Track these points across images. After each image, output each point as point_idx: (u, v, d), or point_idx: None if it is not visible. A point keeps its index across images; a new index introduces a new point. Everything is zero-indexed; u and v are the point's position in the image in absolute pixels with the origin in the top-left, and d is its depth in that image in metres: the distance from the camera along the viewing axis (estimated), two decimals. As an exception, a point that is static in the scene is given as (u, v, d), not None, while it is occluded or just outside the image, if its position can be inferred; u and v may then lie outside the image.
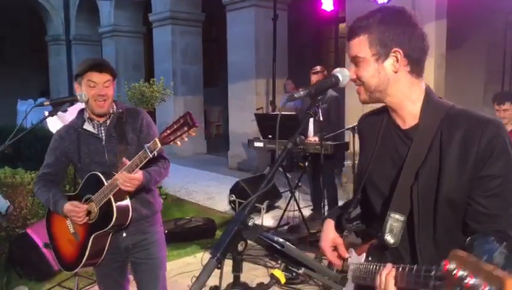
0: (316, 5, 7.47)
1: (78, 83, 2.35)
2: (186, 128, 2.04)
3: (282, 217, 5.41)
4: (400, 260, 1.41)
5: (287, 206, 5.33)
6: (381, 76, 1.38)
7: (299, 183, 5.59)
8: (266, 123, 5.59)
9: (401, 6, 1.39)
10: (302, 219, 5.20)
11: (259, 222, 5.33)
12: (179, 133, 2.05)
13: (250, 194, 1.27)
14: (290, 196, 5.31)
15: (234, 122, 9.21)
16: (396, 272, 1.15)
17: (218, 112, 13.69)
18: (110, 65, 2.40)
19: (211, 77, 12.87)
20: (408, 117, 1.42)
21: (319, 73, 5.35)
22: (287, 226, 5.37)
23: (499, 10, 7.16)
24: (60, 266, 2.54)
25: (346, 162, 6.43)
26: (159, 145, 2.11)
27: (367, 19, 1.37)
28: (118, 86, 9.55)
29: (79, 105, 2.55)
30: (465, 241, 1.23)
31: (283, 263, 1.35)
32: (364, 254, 1.46)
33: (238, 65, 8.93)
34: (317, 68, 5.42)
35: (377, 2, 5.47)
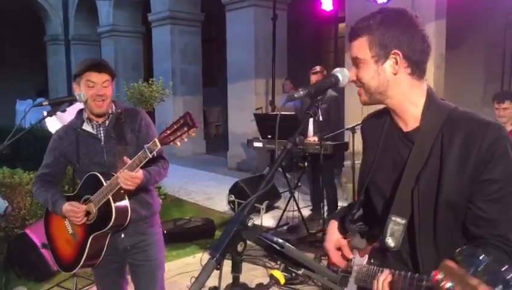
0: (316, 5, 7.46)
1: (76, 83, 2.34)
2: (186, 128, 2.03)
3: (281, 218, 5.41)
4: (402, 262, 1.41)
5: (287, 206, 5.33)
6: (380, 78, 1.37)
7: (299, 184, 5.58)
8: (265, 123, 5.58)
9: (403, 8, 1.38)
10: (301, 219, 5.20)
11: (258, 222, 5.32)
12: (179, 133, 2.05)
13: (250, 195, 1.27)
14: (289, 196, 5.31)
15: (233, 122, 9.20)
16: (393, 278, 1.19)
17: (218, 112, 13.68)
18: (109, 65, 2.39)
19: (210, 76, 12.86)
20: (410, 119, 1.40)
21: (319, 73, 5.35)
22: (287, 226, 5.37)
23: (498, 10, 7.16)
24: (58, 266, 2.53)
25: (345, 162, 6.42)
26: (159, 146, 2.10)
27: (367, 20, 1.37)
28: (117, 86, 9.55)
29: (78, 105, 2.55)
30: (464, 245, 1.23)
31: (282, 264, 1.35)
32: (367, 256, 1.45)
33: (237, 65, 8.92)
34: (317, 68, 5.42)
35: (376, 2, 5.46)
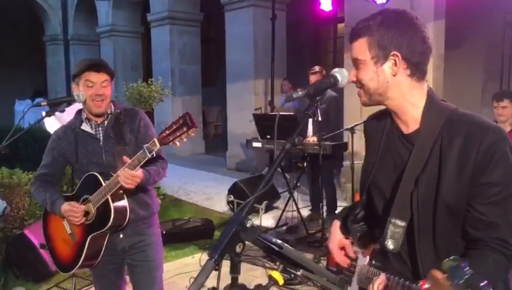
0: (315, 5, 7.45)
1: (75, 83, 2.34)
2: (185, 128, 2.03)
3: (280, 218, 5.40)
4: (402, 263, 1.41)
5: (286, 206, 5.33)
6: (380, 79, 1.36)
7: (298, 184, 5.58)
8: (264, 123, 5.58)
9: (403, 9, 1.38)
10: (300, 220, 5.19)
11: (257, 222, 5.32)
12: (178, 133, 2.05)
13: (249, 195, 1.27)
14: (288, 196, 5.31)
15: (232, 122, 9.19)
16: (387, 282, 1.22)
17: (217, 112, 13.68)
18: (108, 65, 2.39)
19: (209, 77, 12.85)
20: (410, 121, 1.40)
21: (318, 73, 5.34)
22: (286, 226, 5.36)
23: (497, 10, 7.16)
24: (56, 267, 2.53)
25: (344, 163, 6.42)
26: (158, 146, 2.10)
27: (368, 21, 1.37)
28: (116, 86, 9.48)
29: (77, 105, 2.54)
30: (464, 247, 1.30)
31: (281, 265, 1.35)
32: (368, 256, 1.46)
33: (236, 65, 8.91)
34: (316, 68, 5.41)
35: (375, 2, 5.46)
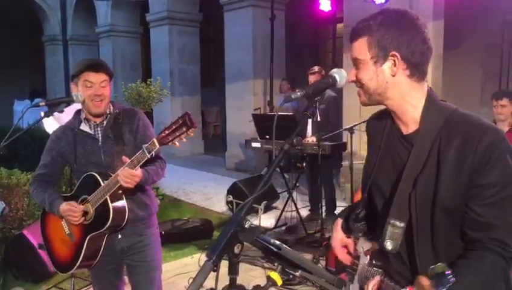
0: (314, 5, 7.46)
1: (74, 84, 2.34)
2: (184, 129, 2.03)
3: (279, 218, 5.40)
4: (402, 263, 1.42)
5: (285, 206, 5.33)
6: (379, 79, 1.36)
7: (297, 184, 5.58)
8: (264, 123, 5.58)
9: (404, 9, 1.38)
10: (299, 220, 5.19)
11: (256, 222, 5.32)
12: (178, 133, 2.05)
13: (248, 195, 1.27)
14: (287, 196, 5.31)
15: (232, 122, 9.19)
16: (381, 284, 1.26)
17: (216, 112, 13.68)
18: (107, 65, 2.39)
19: (208, 77, 12.85)
20: (409, 122, 1.40)
21: (317, 73, 5.34)
22: (285, 226, 5.36)
23: (496, 10, 7.17)
24: (55, 267, 2.52)
25: (343, 163, 6.42)
26: (157, 146, 2.10)
27: (368, 21, 1.36)
28: (115, 86, 9.50)
29: (76, 106, 2.54)
30: (463, 247, 1.31)
31: (280, 266, 1.35)
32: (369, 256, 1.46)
33: (235, 65, 8.91)
34: (315, 68, 5.41)
35: (374, 2, 5.46)
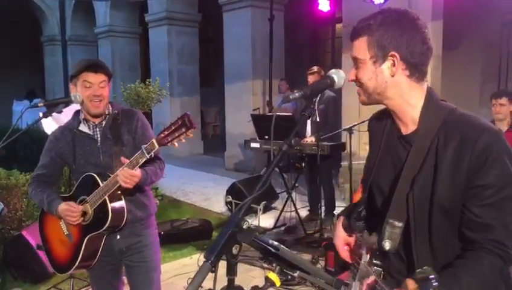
0: (313, 5, 7.47)
1: (73, 84, 2.34)
2: (183, 129, 2.03)
3: (278, 218, 5.40)
4: (401, 262, 1.43)
5: (284, 207, 5.32)
6: (378, 79, 1.36)
7: (296, 184, 5.58)
8: (262, 124, 5.57)
9: (405, 9, 1.37)
10: (299, 220, 5.19)
11: (256, 223, 5.32)
12: (177, 134, 2.04)
13: (247, 195, 1.26)
14: (286, 196, 5.31)
15: (231, 122, 9.19)
16: (375, 284, 1.29)
17: (215, 113, 13.68)
18: (106, 66, 2.39)
19: (207, 77, 12.85)
20: (409, 122, 1.40)
21: (316, 73, 5.34)
22: (284, 227, 5.36)
23: (495, 10, 7.18)
24: (53, 267, 2.52)
25: (343, 163, 6.42)
26: (157, 146, 2.10)
27: (368, 21, 1.36)
28: (114, 86, 9.49)
29: (74, 106, 2.53)
30: (461, 247, 1.32)
31: (278, 266, 1.35)
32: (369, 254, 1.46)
33: (234, 65, 8.91)
34: (314, 69, 5.41)
35: (373, 2, 5.47)
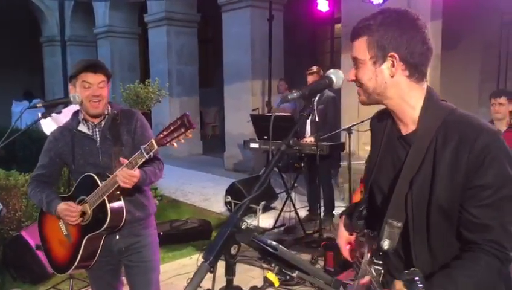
0: (312, 5, 7.47)
1: (72, 85, 2.34)
2: (183, 129, 2.03)
3: (278, 218, 5.40)
4: (400, 261, 1.44)
5: (283, 207, 5.32)
6: (378, 79, 1.37)
7: (295, 184, 5.58)
8: (262, 124, 5.57)
9: (405, 9, 1.38)
10: (298, 220, 5.19)
11: (255, 223, 5.32)
12: (176, 134, 2.05)
13: (246, 195, 1.26)
14: (286, 196, 5.31)
15: (230, 123, 9.19)
16: (369, 284, 1.32)
17: (214, 113, 13.67)
18: (105, 66, 2.39)
19: (206, 77, 12.85)
20: (409, 122, 1.41)
21: (315, 74, 5.34)
22: (283, 227, 5.36)
23: (494, 10, 7.18)
24: (52, 268, 2.52)
25: (342, 163, 6.42)
26: (156, 147, 2.10)
27: (368, 21, 1.37)
28: (113, 87, 9.50)
29: (73, 106, 2.54)
30: (460, 247, 1.33)
31: (277, 266, 1.35)
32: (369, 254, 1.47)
33: (233, 66, 8.91)
34: (313, 69, 5.41)
35: (372, 2, 5.47)
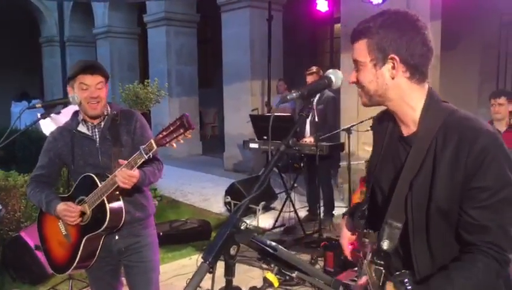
0: (311, 5, 7.47)
1: (70, 86, 2.34)
2: (182, 130, 2.03)
3: (277, 219, 5.40)
4: (400, 261, 1.44)
5: (283, 207, 5.32)
6: (379, 81, 1.37)
7: (295, 185, 5.57)
8: (261, 124, 5.57)
9: (405, 11, 1.37)
10: (297, 220, 5.19)
11: (255, 223, 5.32)
12: (175, 135, 2.04)
13: (246, 196, 1.27)
14: (285, 197, 5.31)
15: (229, 123, 9.19)
16: (366, 285, 1.35)
17: (214, 113, 13.68)
18: (102, 67, 2.38)
19: (206, 77, 12.85)
20: (410, 123, 1.41)
21: (315, 74, 5.33)
22: (283, 227, 5.36)
23: (493, 11, 7.19)
24: (51, 268, 2.52)
25: (341, 163, 6.42)
26: (155, 147, 2.10)
27: (368, 23, 1.36)
28: (113, 87, 9.51)
29: (73, 107, 2.54)
30: (459, 249, 1.33)
31: (276, 267, 1.35)
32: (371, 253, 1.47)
33: (233, 66, 8.91)
34: (313, 69, 5.40)
35: (371, 2, 5.47)
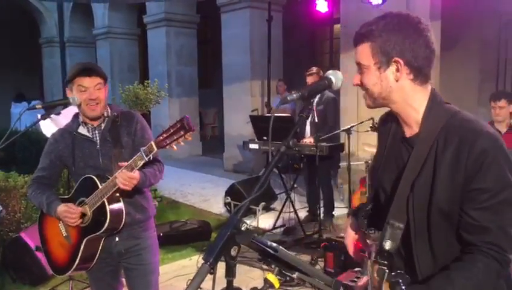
0: (311, 6, 7.47)
1: (69, 89, 2.34)
2: (182, 132, 2.03)
3: (277, 219, 5.40)
4: (403, 261, 1.44)
5: (283, 208, 5.32)
6: (383, 84, 1.38)
7: (295, 185, 5.58)
8: (261, 125, 5.57)
9: (407, 13, 1.38)
10: (297, 221, 5.19)
11: (255, 224, 5.32)
12: (175, 137, 2.05)
13: (246, 196, 1.27)
14: (285, 197, 5.31)
15: (229, 124, 9.19)
16: (366, 285, 1.38)
17: (214, 114, 13.67)
18: (100, 68, 2.38)
19: (206, 78, 12.85)
20: (413, 124, 1.42)
21: (314, 74, 5.33)
22: (283, 228, 5.36)
23: (493, 11, 7.19)
24: (51, 269, 2.53)
25: (341, 164, 6.43)
26: (155, 149, 2.10)
27: (371, 26, 1.37)
28: (113, 88, 9.51)
29: (73, 108, 2.53)
30: (460, 250, 1.34)
31: (277, 268, 1.35)
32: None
33: (233, 66, 8.91)
34: (313, 69, 5.41)
35: (371, 3, 5.47)
